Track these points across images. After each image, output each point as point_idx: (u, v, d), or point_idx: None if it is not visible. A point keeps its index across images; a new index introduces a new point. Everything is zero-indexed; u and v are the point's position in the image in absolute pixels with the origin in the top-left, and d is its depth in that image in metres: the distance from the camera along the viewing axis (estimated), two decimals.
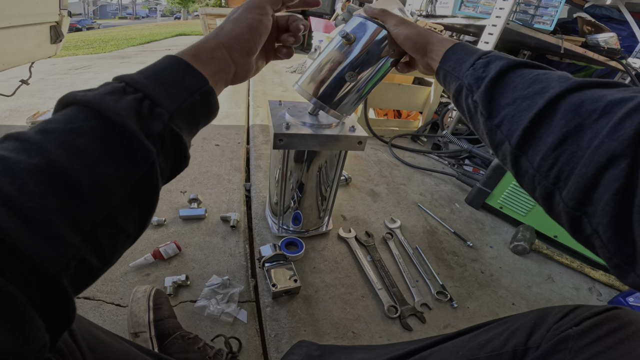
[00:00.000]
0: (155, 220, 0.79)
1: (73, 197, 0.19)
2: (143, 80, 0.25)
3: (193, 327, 0.58)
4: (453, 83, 0.37)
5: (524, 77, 0.30)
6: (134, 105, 0.23)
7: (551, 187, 0.26)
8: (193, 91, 0.27)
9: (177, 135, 0.25)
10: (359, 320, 0.64)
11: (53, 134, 0.20)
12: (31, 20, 1.31)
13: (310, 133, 0.56)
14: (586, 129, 0.24)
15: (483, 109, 0.32)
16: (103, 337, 0.37)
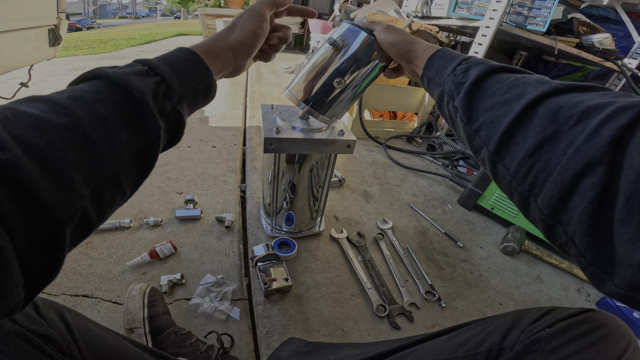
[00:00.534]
0: (152, 220, 0.82)
1: (90, 155, 0.23)
2: (163, 67, 0.29)
3: (187, 324, 0.61)
4: (436, 89, 0.37)
5: (502, 82, 0.30)
6: (154, 86, 0.27)
7: (527, 193, 0.26)
8: (200, 81, 0.32)
9: (181, 114, 0.30)
10: (348, 318, 0.66)
11: (82, 100, 0.24)
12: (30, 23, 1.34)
13: (300, 137, 0.59)
14: (562, 136, 0.24)
15: (462, 114, 0.32)
16: (98, 332, 0.40)
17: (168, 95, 0.29)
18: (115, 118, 0.25)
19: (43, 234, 0.20)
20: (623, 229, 0.19)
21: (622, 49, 1.85)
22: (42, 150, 0.20)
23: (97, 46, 4.44)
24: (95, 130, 0.23)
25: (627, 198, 0.19)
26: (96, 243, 0.75)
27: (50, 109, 0.22)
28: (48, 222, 0.20)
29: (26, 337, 0.31)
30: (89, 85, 0.26)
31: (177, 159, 1.15)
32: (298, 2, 4.10)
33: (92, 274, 0.68)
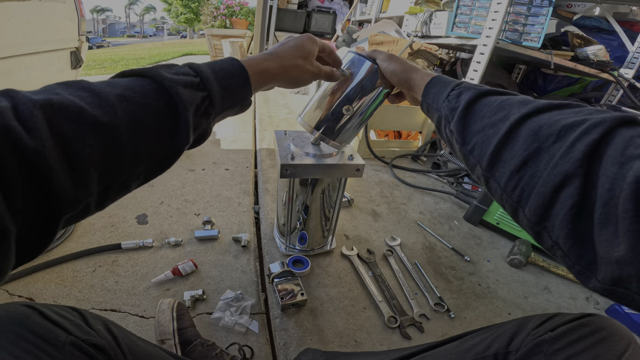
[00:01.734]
0: (172, 240, 0.90)
1: (113, 158, 0.24)
2: (213, 81, 0.31)
3: (210, 336, 0.68)
4: (434, 114, 0.42)
5: (490, 105, 0.34)
6: (199, 102, 0.30)
7: (515, 205, 0.29)
8: (239, 101, 0.35)
9: (210, 129, 0.34)
10: (361, 330, 0.72)
11: (128, 102, 0.25)
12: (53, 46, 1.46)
13: (313, 163, 0.67)
14: (544, 152, 0.27)
15: (458, 136, 0.36)
16: (139, 342, 0.46)
17: (207, 113, 0.31)
18: (152, 126, 0.26)
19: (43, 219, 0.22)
20: (602, 231, 0.22)
21: (617, 59, 1.91)
22: (72, 145, 0.22)
23: (108, 66, 4.71)
24: (128, 135, 0.25)
25: (604, 204, 0.22)
26: (122, 261, 0.83)
27: (96, 103, 0.24)
28: (52, 210, 0.22)
29: (80, 347, 0.33)
30: (140, 86, 0.27)
31: (192, 181, 1.24)
32: (301, 23, 4.32)
33: (119, 290, 0.75)
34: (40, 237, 0.23)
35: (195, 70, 0.31)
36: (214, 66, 0.33)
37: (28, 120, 0.21)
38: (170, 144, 0.29)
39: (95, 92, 0.25)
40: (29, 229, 0.21)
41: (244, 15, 5.06)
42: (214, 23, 4.96)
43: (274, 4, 3.84)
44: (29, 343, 0.30)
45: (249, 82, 0.35)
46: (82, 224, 0.95)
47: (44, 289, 0.73)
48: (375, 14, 3.00)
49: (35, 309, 0.34)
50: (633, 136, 0.24)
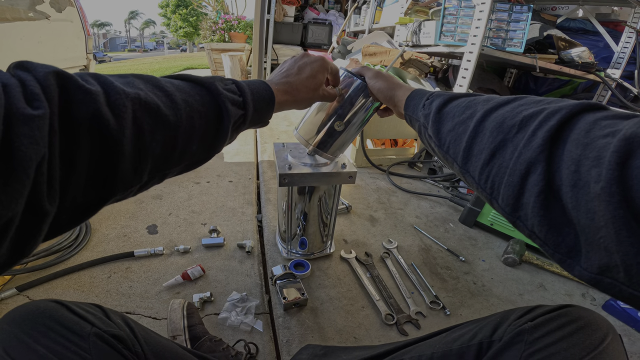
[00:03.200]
0: (181, 248, 0.98)
1: (168, 154, 0.29)
2: (250, 102, 0.38)
3: (218, 334, 0.74)
4: (415, 124, 0.47)
5: (459, 106, 0.38)
6: (237, 118, 0.36)
7: (489, 196, 0.31)
8: (262, 122, 0.43)
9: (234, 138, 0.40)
10: (359, 327, 0.78)
11: (190, 107, 0.30)
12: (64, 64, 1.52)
13: (309, 172, 0.75)
14: (508, 143, 0.29)
15: (435, 139, 0.40)
16: (153, 335, 0.52)
17: (239, 128, 0.37)
18: (201, 132, 0.31)
19: (93, 201, 0.24)
20: (579, 214, 0.21)
21: (604, 59, 1.96)
22: (146, 136, 0.26)
23: None
24: (184, 136, 0.30)
25: (572, 187, 0.22)
26: (135, 268, 0.91)
27: (169, 104, 0.28)
28: (105, 192, 0.25)
29: (103, 337, 0.37)
30: (199, 95, 0.32)
31: (198, 193, 1.33)
32: (298, 35, 4.48)
33: (133, 294, 0.83)
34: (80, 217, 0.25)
35: (240, 89, 0.37)
36: (252, 87, 0.40)
37: (118, 109, 0.24)
38: (208, 149, 0.34)
39: (168, 94, 0.29)
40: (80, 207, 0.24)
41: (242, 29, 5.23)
42: (213, 37, 5.13)
43: (270, 17, 3.98)
44: (57, 334, 0.34)
45: (273, 108, 0.42)
46: (97, 235, 1.04)
47: (63, 294, 0.81)
48: (369, 24, 3.13)
49: (63, 305, 0.39)
50: (597, 119, 0.24)
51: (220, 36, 5.12)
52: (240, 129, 0.39)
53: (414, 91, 0.50)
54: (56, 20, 1.43)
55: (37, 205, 0.19)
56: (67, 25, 1.52)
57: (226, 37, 5.10)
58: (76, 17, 1.56)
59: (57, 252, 0.92)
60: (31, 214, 0.19)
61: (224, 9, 5.38)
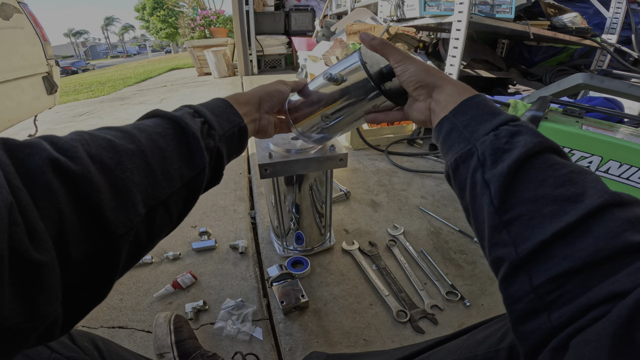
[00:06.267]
0: (171, 254, 0.91)
1: (150, 179, 0.28)
2: (204, 110, 0.37)
3: (215, 347, 0.68)
4: (459, 144, 0.31)
5: (557, 169, 0.26)
6: (200, 126, 0.34)
7: (542, 307, 0.24)
8: (234, 125, 0.39)
9: (221, 153, 0.36)
10: (369, 327, 0.71)
11: (145, 132, 0.30)
12: (23, 73, 1.51)
13: (293, 159, 0.67)
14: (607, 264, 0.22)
15: (496, 195, 0.27)
16: (127, 356, 0.48)
17: (211, 134, 0.35)
18: (171, 149, 0.31)
19: (99, 246, 0.23)
20: None
21: (596, 25, 1.96)
22: (113, 170, 0.25)
23: (95, 89, 4.80)
24: (154, 158, 0.29)
25: None
26: (124, 279, 0.85)
27: (120, 135, 0.28)
28: (106, 235, 0.24)
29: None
30: (151, 121, 0.33)
31: None
32: (281, 23, 4.34)
33: (124, 307, 0.77)
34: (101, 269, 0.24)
35: (188, 106, 0.37)
36: (202, 104, 0.39)
37: (69, 151, 0.24)
38: (191, 163, 0.33)
39: (116, 128, 0.30)
40: (85, 258, 0.23)
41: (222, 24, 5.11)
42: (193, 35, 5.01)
43: (249, 8, 3.87)
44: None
45: (233, 108, 0.41)
46: None
47: None
48: (351, 4, 3.05)
49: None
50: None
51: (200, 33, 5.01)
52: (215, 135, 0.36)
53: (479, 95, 0.34)
54: (4, 28, 1.39)
55: (23, 254, 0.18)
56: (17, 33, 1.50)
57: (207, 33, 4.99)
58: (27, 24, 1.54)
59: None
60: (20, 263, 0.18)
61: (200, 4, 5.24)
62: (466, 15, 1.35)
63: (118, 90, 4.37)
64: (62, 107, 3.36)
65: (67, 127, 2.48)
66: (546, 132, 0.93)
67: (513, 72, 2.07)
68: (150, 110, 0.35)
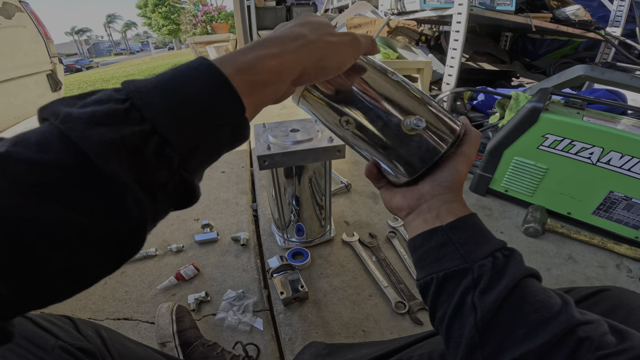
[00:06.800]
0: (174, 247, 0.92)
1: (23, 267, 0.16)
2: (157, 102, 0.18)
3: (216, 337, 0.69)
4: (452, 261, 0.30)
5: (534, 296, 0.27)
6: (136, 142, 0.17)
7: None
8: (221, 124, 0.21)
9: (186, 182, 0.20)
10: (368, 319, 0.72)
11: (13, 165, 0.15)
12: (27, 71, 1.54)
13: (291, 150, 0.67)
14: None
15: (481, 321, 0.27)
16: (130, 345, 0.49)
17: (162, 155, 0.18)
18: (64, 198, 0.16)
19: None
20: None
21: (600, 18, 1.95)
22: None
23: (100, 86, 4.84)
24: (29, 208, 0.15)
25: None
26: (129, 272, 0.86)
27: None
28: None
29: (68, 350, 0.37)
30: (38, 134, 0.17)
31: None
32: (282, 18, 4.31)
33: (129, 299, 0.79)
34: None
35: (125, 89, 0.19)
36: (164, 79, 0.20)
37: None
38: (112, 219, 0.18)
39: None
40: None
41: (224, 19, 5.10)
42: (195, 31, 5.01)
43: (250, 3, 3.86)
44: (22, 348, 0.34)
45: (231, 90, 0.20)
46: None
47: (60, 304, 0.76)
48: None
49: (29, 318, 0.38)
50: None
51: (202, 29, 5.01)
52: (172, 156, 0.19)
53: (474, 216, 0.33)
54: (7, 27, 1.40)
55: None
56: (20, 31, 1.52)
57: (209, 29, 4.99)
58: (29, 22, 1.55)
59: None
60: None
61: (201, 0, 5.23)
62: (466, 7, 1.34)
63: None
64: None
65: None
66: (546, 123, 0.92)
67: (516, 65, 2.05)
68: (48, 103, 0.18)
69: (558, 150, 0.93)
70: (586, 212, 0.95)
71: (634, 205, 0.87)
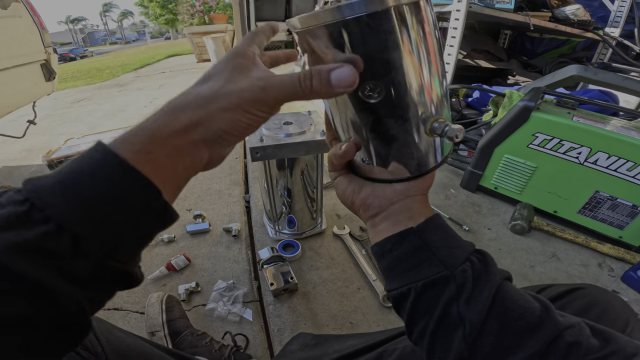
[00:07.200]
0: (166, 237, 0.92)
1: None
2: (58, 201, 0.17)
3: (206, 327, 0.69)
4: (430, 268, 0.27)
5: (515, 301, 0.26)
6: (43, 242, 0.17)
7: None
8: (136, 212, 0.19)
9: (118, 270, 0.20)
10: (356, 311, 0.72)
11: None
12: (21, 60, 1.52)
13: (284, 142, 0.67)
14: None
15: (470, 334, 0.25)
16: (118, 334, 0.48)
17: (80, 252, 0.18)
18: None
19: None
20: None
21: (600, 19, 1.95)
22: None
23: (94, 75, 4.74)
24: None
25: None
26: None
27: None
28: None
29: None
30: None
31: None
32: (282, 9, 4.25)
33: None
34: None
35: (25, 188, 0.18)
36: (62, 174, 0.18)
37: None
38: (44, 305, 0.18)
39: None
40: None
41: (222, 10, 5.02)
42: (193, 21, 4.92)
43: None
44: None
45: (134, 174, 0.19)
46: None
47: None
48: None
49: None
50: None
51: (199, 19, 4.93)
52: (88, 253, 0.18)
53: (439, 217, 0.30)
54: (3, 17, 1.39)
55: None
56: (16, 22, 1.51)
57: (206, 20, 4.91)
58: (24, 12, 1.55)
59: None
60: None
61: None
62: (465, 4, 1.33)
63: (116, 77, 4.32)
64: (60, 94, 3.32)
65: (65, 113, 2.46)
66: (537, 122, 0.92)
67: (513, 63, 2.05)
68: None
69: (547, 149, 0.94)
70: (572, 211, 0.97)
71: (618, 206, 0.88)
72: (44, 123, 2.15)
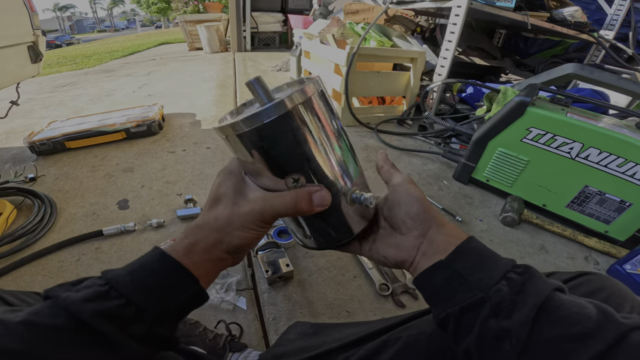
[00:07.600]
0: (155, 222, 0.89)
1: None
2: (128, 284, 0.26)
3: (199, 315, 0.67)
4: (464, 294, 0.28)
5: (568, 309, 0.26)
6: (118, 311, 0.25)
7: None
8: (179, 294, 0.28)
9: (160, 334, 0.27)
10: (352, 300, 0.71)
11: (36, 327, 0.23)
12: (8, 41, 1.47)
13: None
14: None
15: (518, 342, 0.26)
16: None
17: (139, 317, 0.26)
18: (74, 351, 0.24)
19: None
20: None
21: (596, 21, 1.97)
22: None
23: (80, 61, 4.55)
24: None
25: None
26: (105, 248, 0.82)
27: (2, 331, 0.23)
28: None
29: None
30: (48, 308, 0.25)
31: (173, 163, 1.22)
32: (278, 1, 4.16)
33: None
34: None
35: (104, 277, 0.27)
36: (130, 268, 0.28)
37: None
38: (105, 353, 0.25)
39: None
40: None
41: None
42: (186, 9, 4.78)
43: None
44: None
45: (181, 269, 0.28)
46: (64, 215, 0.94)
47: (31, 281, 0.73)
48: None
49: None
50: None
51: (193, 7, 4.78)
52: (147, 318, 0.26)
53: (472, 238, 0.31)
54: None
55: None
56: (4, 2, 1.47)
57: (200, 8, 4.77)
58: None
59: (21, 237, 0.84)
60: None
61: None
62: (466, 1, 1.33)
63: (104, 63, 4.15)
64: (44, 79, 3.17)
65: (49, 97, 2.35)
66: (532, 117, 0.93)
67: (507, 62, 2.07)
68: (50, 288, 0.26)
69: (540, 143, 0.94)
70: (561, 205, 0.98)
71: (606, 201, 0.90)
72: (27, 106, 2.05)
